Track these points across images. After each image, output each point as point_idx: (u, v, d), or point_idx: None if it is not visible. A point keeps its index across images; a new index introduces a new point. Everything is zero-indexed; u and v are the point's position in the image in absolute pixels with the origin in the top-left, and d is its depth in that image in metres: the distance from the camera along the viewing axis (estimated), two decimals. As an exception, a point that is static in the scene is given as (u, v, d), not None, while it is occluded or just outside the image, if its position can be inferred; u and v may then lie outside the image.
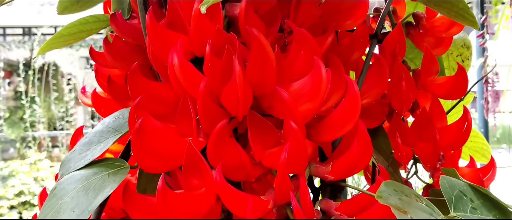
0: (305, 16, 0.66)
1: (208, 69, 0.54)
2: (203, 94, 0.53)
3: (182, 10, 0.59)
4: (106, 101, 0.80)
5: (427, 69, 0.77)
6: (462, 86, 0.74)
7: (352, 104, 0.57)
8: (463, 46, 0.92)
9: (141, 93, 0.58)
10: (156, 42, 0.57)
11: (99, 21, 0.74)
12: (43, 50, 0.74)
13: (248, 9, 0.61)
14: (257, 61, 0.53)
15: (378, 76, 0.70)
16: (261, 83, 0.55)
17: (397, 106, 0.74)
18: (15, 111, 8.44)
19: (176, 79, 0.55)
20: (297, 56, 0.60)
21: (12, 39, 7.77)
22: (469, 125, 0.74)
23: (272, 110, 0.58)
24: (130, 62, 0.71)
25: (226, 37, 0.57)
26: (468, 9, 0.58)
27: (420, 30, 0.81)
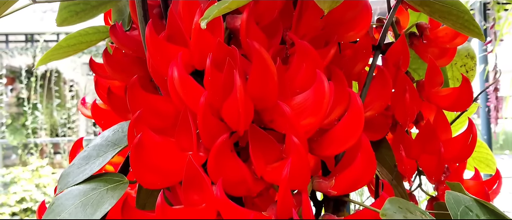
0: (307, 28, 0.65)
1: (208, 83, 0.53)
2: (204, 108, 0.52)
3: (182, 22, 0.58)
4: (106, 112, 0.79)
5: (431, 80, 0.76)
6: (467, 98, 0.73)
7: (355, 118, 0.56)
8: (467, 56, 0.91)
9: (141, 107, 0.57)
10: (155, 55, 0.56)
11: (99, 32, 0.74)
12: (42, 61, 0.73)
13: (249, 21, 0.60)
14: (259, 75, 0.52)
15: (382, 88, 0.69)
16: (263, 97, 0.54)
17: (401, 118, 0.73)
18: (17, 118, 8.45)
19: (176, 93, 0.54)
20: (299, 68, 0.59)
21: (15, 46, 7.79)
22: (474, 137, 0.72)
23: (274, 124, 0.57)
24: (130, 74, 0.70)
25: (227, 50, 0.56)
26: (473, 21, 0.57)
27: (424, 40, 0.80)
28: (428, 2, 0.58)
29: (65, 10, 0.70)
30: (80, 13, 0.70)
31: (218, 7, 0.46)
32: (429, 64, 0.75)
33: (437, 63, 0.78)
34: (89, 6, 0.71)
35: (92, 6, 0.71)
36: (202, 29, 0.54)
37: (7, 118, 8.02)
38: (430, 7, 0.59)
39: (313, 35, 0.65)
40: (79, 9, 0.70)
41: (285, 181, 0.51)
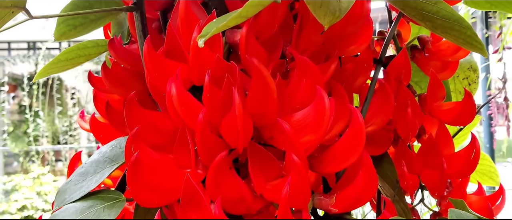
0: (307, 43, 0.64)
1: (207, 99, 0.52)
2: (202, 125, 0.51)
3: (181, 38, 0.57)
4: (105, 126, 0.78)
5: (433, 94, 0.75)
6: (469, 112, 0.72)
7: (356, 135, 0.55)
8: (469, 69, 0.90)
9: (138, 123, 0.56)
10: (153, 71, 0.55)
11: (98, 46, 0.73)
12: (40, 75, 0.73)
13: (249, 36, 0.59)
14: (258, 92, 0.52)
15: (383, 102, 0.68)
16: (262, 114, 0.53)
17: (403, 133, 0.72)
18: (19, 125, 8.45)
19: (174, 109, 0.54)
20: (299, 84, 0.58)
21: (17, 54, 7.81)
22: (477, 152, 0.71)
23: (273, 140, 0.56)
24: (128, 88, 0.70)
25: (226, 66, 0.55)
26: (476, 36, 0.56)
27: (426, 53, 0.80)
28: (430, 17, 0.57)
29: (63, 24, 0.69)
30: (78, 27, 0.69)
31: (216, 25, 0.45)
32: (431, 78, 0.74)
33: (439, 76, 0.77)
34: (88, 20, 0.70)
35: (90, 20, 0.70)
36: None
37: (9, 125, 8.01)
38: (432, 22, 0.58)
39: (313, 50, 0.64)
40: (77, 23, 0.69)
41: (285, 200, 0.50)
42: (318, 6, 0.56)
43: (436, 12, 0.56)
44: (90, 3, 0.69)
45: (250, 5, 0.44)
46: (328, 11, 0.55)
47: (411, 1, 0.57)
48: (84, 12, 0.59)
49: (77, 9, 0.68)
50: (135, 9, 0.61)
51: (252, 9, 0.45)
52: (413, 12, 0.59)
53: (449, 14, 0.56)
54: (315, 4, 0.55)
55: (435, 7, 0.56)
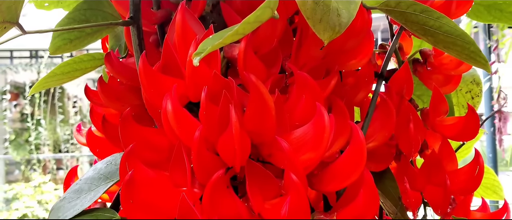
0: (307, 57, 0.63)
1: (203, 117, 0.51)
2: (198, 142, 0.50)
3: (178, 53, 0.56)
4: (101, 141, 0.76)
5: (436, 109, 0.74)
6: (473, 127, 0.71)
7: (357, 153, 0.54)
8: (472, 82, 0.88)
9: (134, 140, 0.55)
10: (149, 87, 0.54)
11: (95, 59, 0.72)
12: (36, 89, 0.72)
13: (247, 51, 0.58)
14: (256, 110, 0.50)
15: (385, 118, 0.66)
16: (260, 132, 0.52)
17: (405, 148, 0.71)
18: (20, 133, 8.44)
19: (169, 127, 0.52)
20: (298, 100, 0.57)
21: (19, 62, 7.82)
22: (481, 169, 0.70)
23: (272, 158, 0.54)
24: (125, 102, 0.68)
25: (223, 82, 0.54)
26: (479, 52, 0.55)
27: (428, 67, 0.78)
28: (432, 32, 0.56)
29: (58, 38, 0.68)
30: (74, 41, 0.68)
31: (212, 42, 0.44)
32: (433, 92, 0.73)
33: (441, 90, 0.76)
34: (84, 33, 0.69)
35: (87, 33, 0.69)
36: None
37: (11, 133, 8.02)
38: (434, 37, 0.56)
39: (313, 64, 0.63)
40: (73, 37, 0.68)
41: (283, 220, 0.49)
42: (318, 21, 0.54)
43: (439, 27, 0.55)
44: (86, 16, 0.68)
45: (247, 22, 0.43)
46: (328, 26, 0.54)
47: (412, 16, 0.56)
48: (79, 26, 0.58)
49: (73, 23, 0.67)
50: (132, 23, 0.60)
51: (249, 26, 0.44)
52: (415, 27, 0.58)
53: (452, 29, 0.54)
54: (314, 19, 0.54)
55: (437, 22, 0.55)
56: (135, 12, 0.60)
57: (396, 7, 0.57)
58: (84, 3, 0.69)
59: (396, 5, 0.57)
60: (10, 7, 0.46)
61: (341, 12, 0.55)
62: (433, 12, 0.54)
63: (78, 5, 0.69)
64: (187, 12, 0.57)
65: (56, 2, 0.75)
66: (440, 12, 0.55)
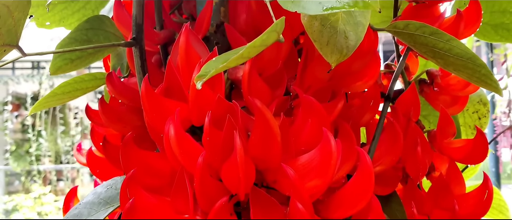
0: (312, 80, 0.61)
1: (207, 142, 0.50)
2: (201, 169, 0.49)
3: (181, 75, 0.55)
4: (102, 161, 0.75)
5: (443, 131, 0.72)
6: (481, 151, 0.69)
7: (365, 180, 0.52)
8: (479, 103, 0.87)
9: (135, 165, 0.54)
10: (151, 111, 0.52)
11: (96, 79, 0.70)
12: (36, 109, 0.70)
13: (252, 73, 0.57)
14: (261, 136, 0.49)
15: (392, 141, 0.65)
16: (265, 158, 0.50)
17: (412, 172, 0.69)
18: (21, 144, 8.42)
19: (172, 152, 0.51)
20: (304, 124, 0.56)
21: (21, 73, 7.83)
22: (490, 193, 0.68)
23: (277, 184, 0.53)
24: (126, 124, 0.67)
25: (227, 106, 0.52)
26: (491, 75, 0.54)
27: (435, 88, 0.77)
28: (442, 54, 0.55)
29: (59, 58, 0.67)
30: (75, 61, 0.67)
31: (216, 65, 0.43)
32: (441, 114, 0.72)
33: (448, 111, 0.74)
34: (86, 53, 0.68)
35: (88, 53, 0.68)
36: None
37: (12, 144, 7.99)
38: (444, 59, 0.55)
39: (319, 86, 0.62)
40: (74, 56, 0.67)
41: (288, 251, 0.47)
42: (325, 44, 0.53)
43: (448, 49, 0.54)
44: (88, 36, 0.67)
45: (253, 46, 0.42)
46: (335, 49, 0.53)
47: (421, 38, 0.55)
48: (80, 48, 0.57)
49: (74, 42, 0.66)
50: (134, 44, 0.58)
51: (255, 50, 0.43)
52: (424, 49, 0.56)
53: (462, 52, 0.53)
54: (321, 42, 0.53)
55: (447, 45, 0.54)
56: (138, 33, 0.59)
57: (404, 29, 0.56)
58: (86, 22, 0.68)
59: (404, 27, 0.56)
60: (10, 30, 0.45)
61: (348, 35, 0.54)
62: (443, 34, 0.53)
63: (79, 25, 0.68)
64: (191, 33, 0.56)
65: (58, 21, 0.74)
66: (449, 35, 0.53)
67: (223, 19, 0.64)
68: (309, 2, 0.45)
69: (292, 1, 0.47)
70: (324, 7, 0.44)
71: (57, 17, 0.73)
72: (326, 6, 0.44)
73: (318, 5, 0.44)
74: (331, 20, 0.54)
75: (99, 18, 0.70)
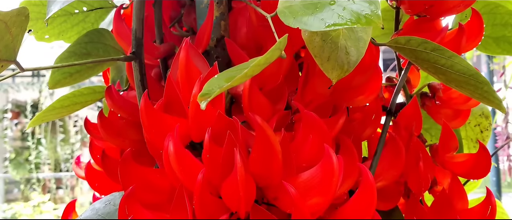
0: (313, 94, 0.61)
1: (207, 159, 0.49)
2: (201, 186, 0.48)
3: (181, 91, 0.54)
4: (100, 175, 0.74)
5: (445, 145, 0.71)
6: (484, 166, 0.68)
7: (367, 197, 0.52)
8: (481, 116, 0.86)
9: (134, 182, 0.53)
10: (150, 127, 0.52)
11: (95, 92, 0.70)
12: (34, 123, 0.70)
13: (252, 88, 0.56)
14: (261, 153, 0.48)
15: (394, 157, 0.64)
16: (266, 175, 0.50)
17: (414, 187, 0.68)
18: (21, 152, 8.41)
19: (171, 169, 0.50)
20: (305, 140, 0.55)
21: (21, 81, 7.83)
22: (493, 209, 0.67)
23: (278, 201, 0.52)
24: (125, 138, 0.67)
25: (228, 122, 0.52)
26: (493, 92, 0.53)
27: (437, 101, 0.76)
28: (444, 70, 0.54)
29: (58, 72, 0.66)
30: (74, 74, 0.67)
31: (219, 83, 0.42)
32: (443, 128, 0.71)
33: (450, 124, 0.74)
34: (85, 67, 0.67)
35: (88, 66, 0.68)
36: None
37: (11, 152, 7.98)
38: (446, 76, 0.55)
39: (320, 101, 0.61)
40: (73, 70, 0.67)
41: None
42: (326, 60, 0.53)
43: (450, 66, 0.53)
44: (88, 50, 0.67)
45: (257, 64, 0.41)
46: (336, 64, 0.53)
47: (423, 54, 0.54)
48: (79, 63, 0.56)
49: (73, 56, 0.66)
50: (134, 58, 0.58)
51: (259, 68, 0.42)
52: (425, 65, 0.56)
53: (465, 69, 0.53)
54: (322, 58, 0.53)
55: (449, 61, 0.53)
56: (137, 47, 0.58)
57: (406, 45, 0.56)
58: (85, 36, 0.67)
59: (406, 43, 0.56)
60: (8, 46, 0.45)
61: (349, 50, 0.53)
62: (444, 50, 0.53)
63: (79, 38, 0.67)
64: (191, 48, 0.55)
65: (57, 35, 0.73)
66: (452, 51, 0.53)
67: (224, 33, 0.63)
68: (311, 18, 0.45)
69: (293, 17, 0.46)
70: (326, 23, 0.43)
71: (56, 30, 0.73)
72: (328, 22, 0.43)
73: (320, 22, 0.44)
74: (332, 35, 0.53)
75: (98, 31, 0.70)
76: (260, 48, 0.64)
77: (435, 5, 0.66)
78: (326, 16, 0.44)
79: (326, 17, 0.44)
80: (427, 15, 0.69)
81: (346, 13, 0.43)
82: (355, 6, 0.43)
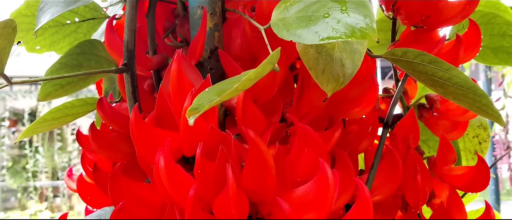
0: (309, 107, 0.60)
1: (199, 175, 0.48)
2: (192, 202, 0.47)
3: (173, 104, 0.53)
4: (92, 188, 0.73)
5: (443, 157, 0.70)
6: (483, 179, 0.67)
7: (363, 213, 0.50)
8: (479, 127, 0.85)
9: (124, 198, 0.52)
10: (141, 142, 0.51)
11: (87, 104, 0.69)
12: (24, 135, 0.68)
13: (246, 101, 0.55)
14: (255, 168, 0.47)
15: (391, 170, 0.63)
16: (259, 191, 0.48)
17: (412, 200, 0.67)
18: (18, 160, 8.36)
19: (162, 184, 0.49)
20: (300, 154, 0.54)
21: (19, 89, 7.81)
22: (493, 223, 0.66)
23: (272, 217, 0.51)
24: (117, 151, 0.65)
25: (220, 136, 0.50)
26: (492, 105, 0.52)
27: (434, 113, 0.75)
28: (441, 83, 0.53)
29: (49, 84, 0.65)
30: (65, 86, 0.65)
31: (209, 97, 0.41)
32: (441, 140, 0.70)
33: (448, 136, 0.72)
34: (77, 78, 0.66)
35: (79, 78, 0.66)
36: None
37: (8, 160, 7.94)
38: (444, 88, 0.54)
39: (315, 114, 0.60)
40: (65, 82, 0.65)
41: None
42: (321, 72, 0.52)
43: (448, 78, 0.52)
44: (79, 61, 0.66)
45: (248, 78, 0.40)
46: (332, 77, 0.52)
47: (420, 66, 0.53)
48: (69, 75, 0.55)
49: (64, 68, 0.64)
50: (125, 70, 0.57)
51: (250, 83, 0.41)
52: (422, 77, 0.55)
53: (462, 81, 0.52)
54: (317, 70, 0.52)
55: (446, 74, 0.52)
56: (129, 59, 0.57)
57: (402, 57, 0.55)
58: (77, 47, 0.66)
59: (402, 55, 0.55)
60: (-6, 59, 0.43)
61: (345, 62, 0.52)
62: (442, 63, 0.52)
63: (70, 50, 0.66)
64: (183, 60, 0.54)
65: (48, 46, 0.72)
66: (449, 63, 0.52)
67: (217, 44, 0.62)
68: (304, 31, 0.44)
69: (287, 29, 0.45)
70: (320, 36, 0.42)
71: (47, 41, 0.72)
72: (323, 35, 0.42)
73: (314, 35, 0.43)
74: (327, 47, 0.52)
75: (90, 42, 0.69)
76: (254, 59, 0.63)
77: (432, 16, 0.65)
78: (320, 29, 0.43)
79: (320, 30, 0.43)
80: (424, 26, 0.68)
81: (341, 26, 0.42)
82: (349, 19, 0.42)
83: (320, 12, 0.44)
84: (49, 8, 0.51)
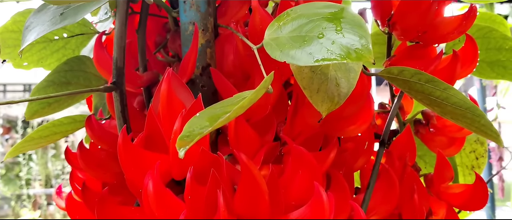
0: (303, 126, 0.58)
1: (189, 200, 0.46)
2: (183, 228, 0.45)
3: (162, 124, 0.51)
4: (82, 207, 0.71)
5: (441, 175, 0.69)
6: (481, 197, 0.66)
7: (359, 238, 0.49)
8: (476, 142, 0.84)
9: (112, 222, 0.50)
10: (129, 165, 0.49)
11: (75, 122, 0.67)
12: (11, 154, 0.66)
13: (239, 121, 0.54)
14: (247, 193, 0.45)
15: (388, 190, 0.62)
16: (252, 216, 0.47)
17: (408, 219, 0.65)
18: (11, 168, 8.29)
19: (151, 209, 0.47)
20: (294, 176, 0.52)
21: (12, 96, 7.77)
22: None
23: (265, 241, 0.49)
24: (106, 170, 0.63)
25: (212, 159, 0.49)
26: (491, 125, 0.51)
27: (431, 129, 0.74)
28: (439, 102, 0.52)
29: (35, 102, 0.63)
30: (53, 104, 0.64)
31: (200, 124, 0.39)
32: (438, 158, 0.68)
33: (445, 152, 0.71)
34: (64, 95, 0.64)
35: (67, 96, 0.65)
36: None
37: (1, 168, 7.88)
38: (441, 108, 0.52)
39: (310, 133, 0.59)
40: (52, 100, 0.64)
41: None
42: (315, 92, 0.50)
43: (446, 98, 0.51)
44: (67, 78, 0.64)
45: (241, 106, 0.39)
46: (326, 97, 0.50)
47: (417, 85, 0.52)
48: (55, 95, 0.53)
49: (52, 85, 0.63)
50: (114, 89, 0.55)
51: (242, 110, 0.40)
52: (420, 96, 0.54)
53: (460, 101, 0.50)
54: (311, 90, 0.50)
55: (444, 93, 0.51)
56: (118, 77, 0.55)
57: (399, 75, 0.53)
58: (65, 64, 0.65)
59: (399, 73, 0.53)
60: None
61: (340, 81, 0.51)
62: (439, 82, 0.50)
63: (58, 67, 0.64)
64: (173, 79, 0.52)
65: (36, 62, 0.70)
66: (446, 83, 0.50)
67: (210, 61, 0.60)
68: (298, 52, 0.42)
69: (280, 50, 0.44)
70: (315, 58, 0.41)
71: (35, 57, 0.70)
72: (317, 57, 0.41)
73: (308, 56, 0.41)
74: (322, 66, 0.51)
75: (79, 59, 0.67)
76: (247, 76, 0.62)
77: (429, 32, 0.64)
78: (315, 50, 0.41)
79: (315, 51, 0.41)
80: (420, 42, 0.67)
81: (335, 47, 0.41)
82: (344, 40, 0.41)
83: (314, 32, 0.43)
84: (35, 27, 0.49)
